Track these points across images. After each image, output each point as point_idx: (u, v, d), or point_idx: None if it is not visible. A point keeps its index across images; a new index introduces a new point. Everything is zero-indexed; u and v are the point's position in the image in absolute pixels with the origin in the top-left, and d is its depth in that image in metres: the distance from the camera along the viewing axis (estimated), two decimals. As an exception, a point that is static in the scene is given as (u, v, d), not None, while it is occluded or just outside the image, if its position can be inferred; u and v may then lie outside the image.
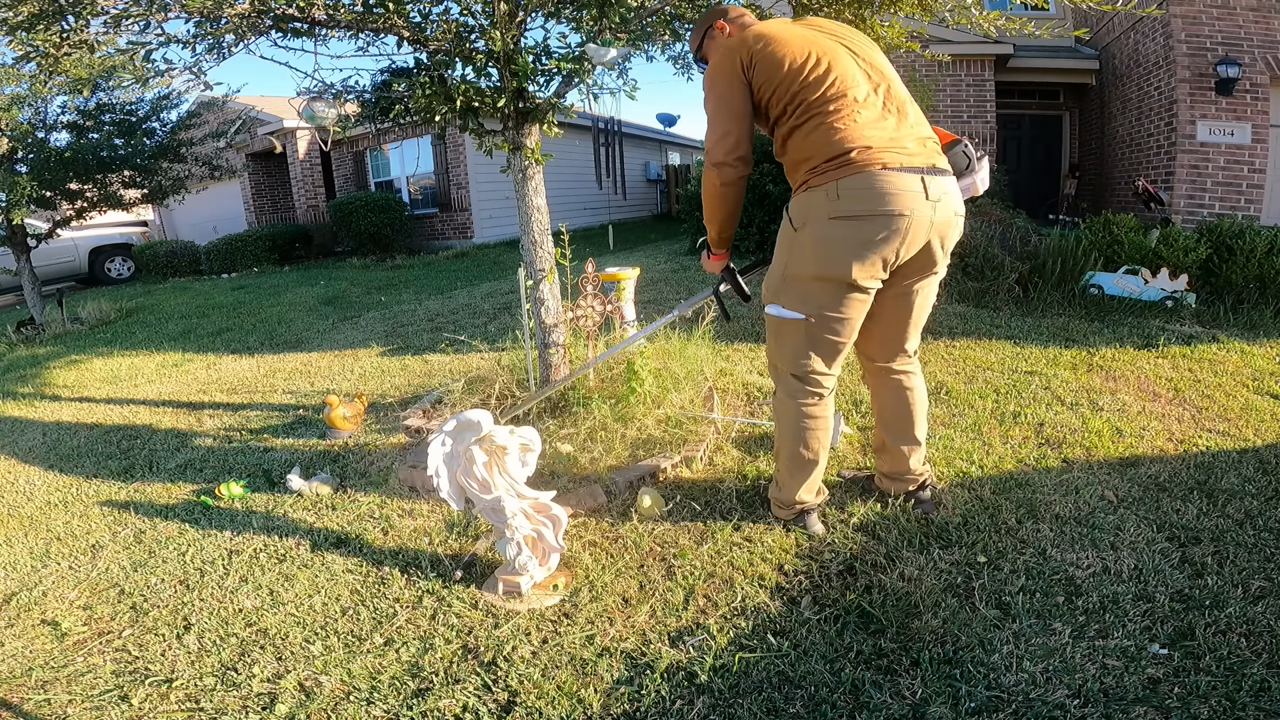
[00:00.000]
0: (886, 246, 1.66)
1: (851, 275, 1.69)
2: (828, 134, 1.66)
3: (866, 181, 1.62)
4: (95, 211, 7.40)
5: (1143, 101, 8.10)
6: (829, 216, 1.67)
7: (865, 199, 1.62)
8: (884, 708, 1.41)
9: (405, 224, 11.58)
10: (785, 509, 2.07)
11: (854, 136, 1.64)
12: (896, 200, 1.62)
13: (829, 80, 1.68)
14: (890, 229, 1.64)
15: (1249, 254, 4.53)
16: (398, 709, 1.52)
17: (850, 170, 1.63)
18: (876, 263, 1.69)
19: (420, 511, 2.40)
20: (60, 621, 1.93)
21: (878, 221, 1.63)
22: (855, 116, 1.66)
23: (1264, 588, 1.69)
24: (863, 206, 1.63)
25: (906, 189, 1.62)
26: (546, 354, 3.01)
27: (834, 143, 1.65)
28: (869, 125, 1.66)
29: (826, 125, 1.66)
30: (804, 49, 1.70)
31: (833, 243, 1.68)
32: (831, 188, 1.65)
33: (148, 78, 2.43)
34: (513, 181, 2.90)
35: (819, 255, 1.71)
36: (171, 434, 3.49)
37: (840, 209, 1.65)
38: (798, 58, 1.69)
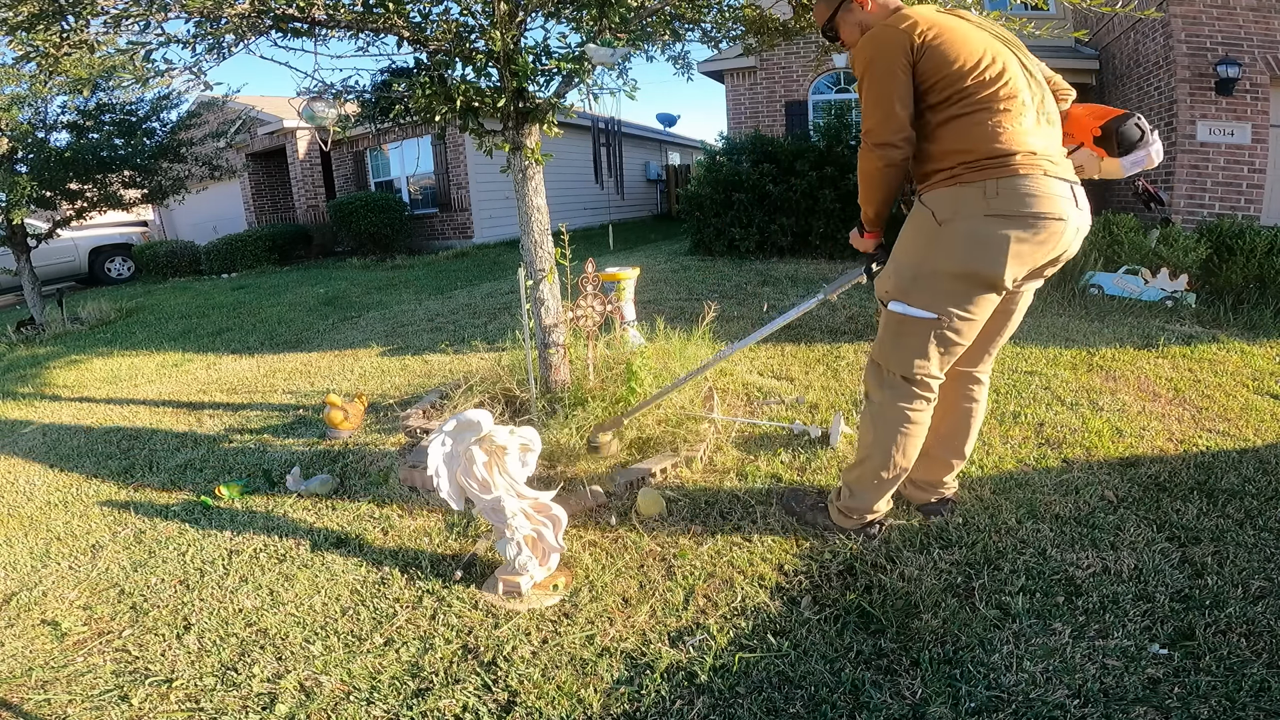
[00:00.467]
0: (1040, 249, 1.64)
1: (1001, 274, 1.64)
2: (994, 131, 1.62)
3: (1029, 185, 1.60)
4: (95, 211, 7.40)
5: (1143, 101, 8.09)
6: (984, 213, 1.62)
7: (1026, 201, 1.60)
8: (884, 708, 1.41)
9: (405, 224, 11.57)
10: (853, 518, 1.99)
11: (1019, 139, 1.62)
12: (1053, 203, 1.61)
13: (1004, 80, 1.64)
14: (1047, 231, 1.62)
15: (1249, 254, 4.53)
16: (398, 709, 1.52)
17: (1011, 171, 1.60)
18: (1026, 264, 1.66)
19: (420, 511, 2.40)
20: (60, 621, 1.93)
21: (1037, 223, 1.61)
22: (1022, 120, 1.64)
23: (1264, 588, 1.69)
24: (1023, 207, 1.60)
25: (1061, 194, 1.63)
26: (546, 354, 3.01)
27: (998, 140, 1.61)
28: (1033, 131, 1.65)
29: (994, 122, 1.62)
30: (981, 46, 1.66)
31: (987, 240, 1.63)
32: (990, 185, 1.61)
33: (148, 78, 2.43)
34: (513, 181, 2.90)
35: (968, 252, 1.65)
36: (171, 434, 3.49)
37: (997, 207, 1.61)
38: (974, 54, 1.64)
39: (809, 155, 7.33)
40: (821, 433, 2.69)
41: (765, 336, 2.42)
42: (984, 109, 1.63)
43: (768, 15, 3.25)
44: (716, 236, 7.81)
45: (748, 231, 7.50)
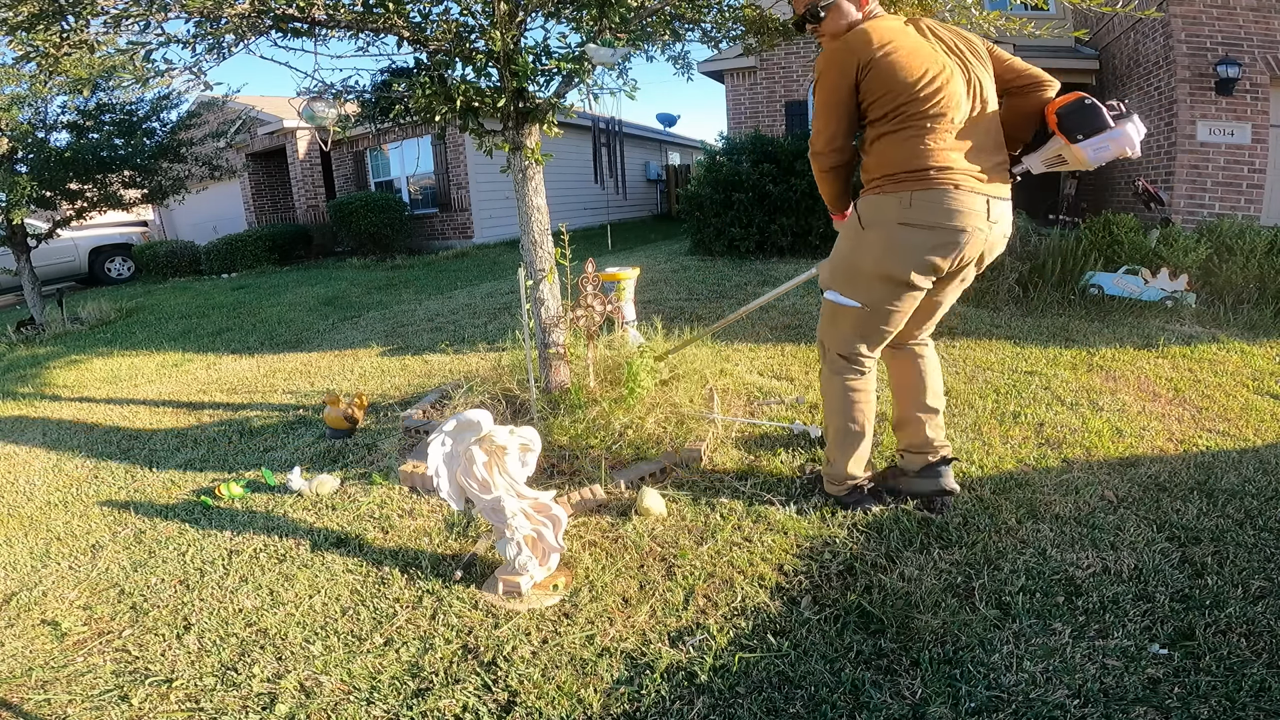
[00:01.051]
0: (946, 256, 1.81)
1: (910, 277, 1.83)
2: (916, 147, 1.77)
3: (938, 198, 1.76)
4: (95, 211, 7.40)
5: (1143, 102, 8.09)
6: (898, 221, 1.81)
7: (934, 213, 1.77)
8: (884, 708, 1.41)
9: (405, 224, 11.57)
10: (838, 485, 2.18)
11: (938, 155, 1.76)
12: (961, 218, 1.77)
13: (936, 98, 1.76)
14: (952, 241, 1.79)
15: (1249, 254, 4.53)
16: (398, 709, 1.52)
17: (925, 185, 1.76)
18: (934, 268, 1.83)
19: (420, 511, 2.40)
20: (60, 621, 1.93)
21: (942, 233, 1.78)
22: (946, 136, 1.77)
23: (1264, 588, 1.69)
24: (931, 219, 1.78)
25: (972, 209, 1.77)
26: (546, 354, 3.01)
27: (919, 156, 1.77)
28: (954, 147, 1.77)
29: (918, 139, 1.77)
30: (921, 65, 1.76)
31: (899, 246, 1.82)
32: (905, 196, 1.79)
33: (148, 78, 2.43)
34: (513, 181, 2.90)
35: (884, 255, 1.85)
36: (171, 434, 3.49)
37: (910, 217, 1.79)
38: (913, 73, 1.75)
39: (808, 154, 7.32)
40: (821, 433, 2.69)
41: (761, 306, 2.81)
42: (911, 127, 1.77)
43: (768, 15, 3.25)
44: (716, 236, 7.81)
45: (748, 231, 7.50)
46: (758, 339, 4.27)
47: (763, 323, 4.59)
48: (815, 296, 5.30)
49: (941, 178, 1.76)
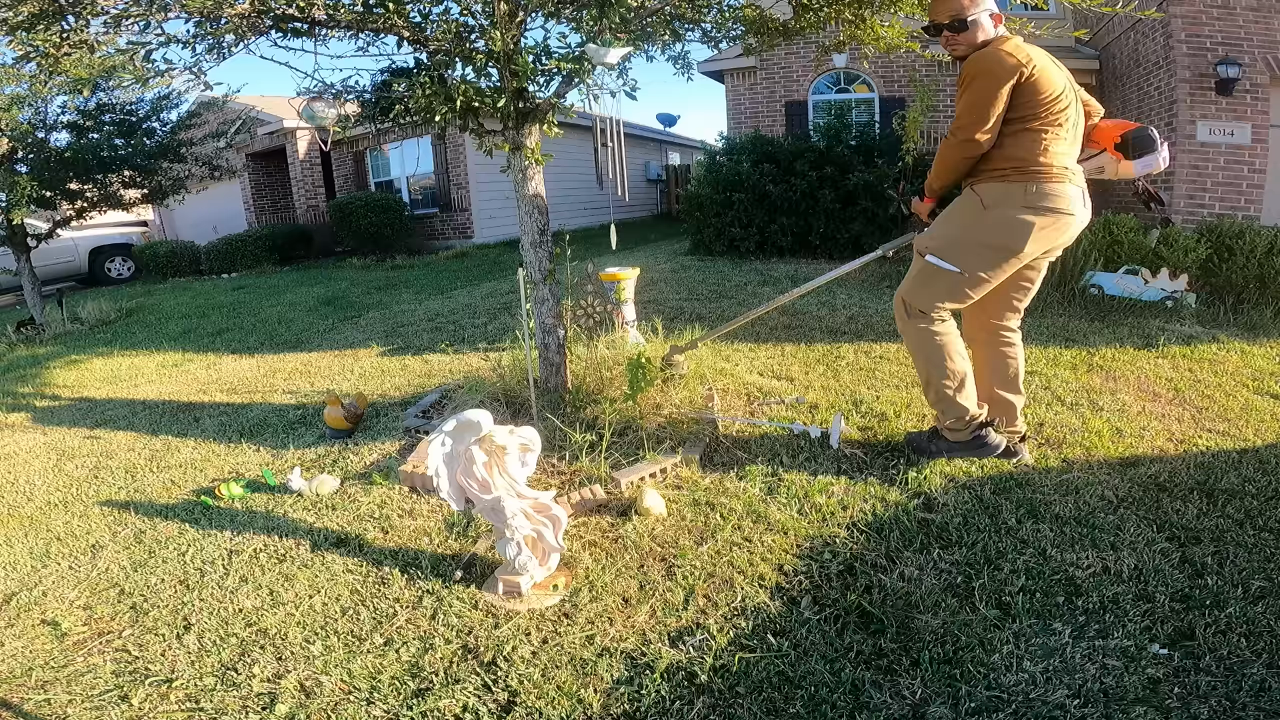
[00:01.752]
0: (1056, 235, 2.17)
1: (1023, 248, 2.16)
2: (1044, 147, 2.10)
3: (1057, 189, 2.11)
4: (95, 211, 7.40)
5: (1143, 101, 8.09)
6: (1023, 205, 2.13)
7: (1054, 200, 2.12)
8: (884, 708, 1.41)
9: (405, 224, 11.57)
10: (962, 430, 2.37)
11: (1057, 155, 2.12)
12: (1071, 204, 2.13)
13: (1064, 111, 2.12)
14: (1063, 222, 2.15)
15: (1249, 254, 4.53)
16: (398, 709, 1.52)
17: (1045, 178, 2.11)
18: (1043, 245, 2.18)
19: (420, 511, 2.40)
20: (60, 621, 1.93)
21: (1056, 215, 2.13)
22: (1062, 141, 2.13)
23: (1264, 588, 1.69)
24: (1050, 204, 2.12)
25: (1076, 198, 2.15)
26: (546, 354, 3.02)
27: (1045, 155, 2.11)
28: (1067, 151, 2.15)
29: (1046, 138, 2.10)
30: (1062, 82, 2.13)
31: (1018, 225, 2.14)
32: (1031, 185, 2.11)
33: (148, 78, 2.43)
34: (513, 181, 2.90)
35: (1004, 230, 2.15)
36: (171, 434, 3.49)
37: (1032, 201, 2.12)
38: (1056, 88, 2.10)
39: (809, 155, 7.33)
40: (821, 433, 2.69)
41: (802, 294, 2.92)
42: (1039, 129, 2.10)
43: (768, 15, 3.25)
44: (716, 236, 7.81)
45: (748, 231, 7.51)
46: (758, 339, 4.26)
47: (763, 323, 4.59)
48: (815, 297, 5.30)
49: (1060, 174, 2.11)
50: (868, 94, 9.98)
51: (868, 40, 3.18)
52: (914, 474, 2.36)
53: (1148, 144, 2.24)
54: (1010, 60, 2.06)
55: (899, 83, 9.52)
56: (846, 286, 5.62)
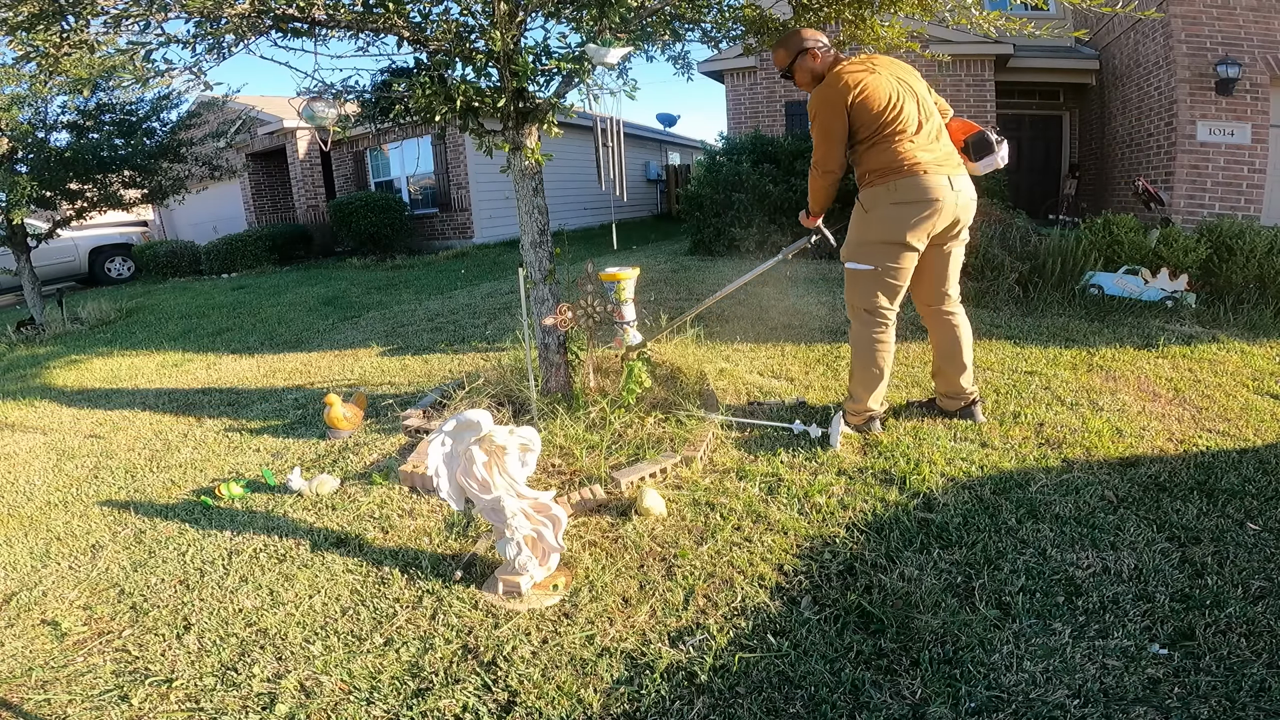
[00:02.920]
0: (928, 221, 2.45)
1: (906, 238, 2.46)
2: (892, 151, 2.44)
3: (913, 181, 2.42)
4: (95, 211, 7.39)
5: (1143, 101, 8.10)
6: (890, 202, 2.46)
7: (912, 192, 2.42)
8: (884, 708, 1.41)
9: (405, 224, 11.57)
10: (858, 415, 2.75)
11: (908, 154, 2.43)
12: (931, 192, 2.42)
13: (899, 119, 2.44)
14: (930, 210, 2.43)
15: (1249, 254, 4.52)
16: (398, 709, 1.52)
17: (903, 174, 2.42)
18: (922, 230, 2.46)
19: (420, 511, 2.40)
20: (60, 621, 1.93)
21: (921, 205, 2.43)
22: (909, 142, 2.45)
23: (1264, 588, 1.69)
24: (911, 196, 2.43)
25: (938, 185, 2.42)
26: (546, 354, 3.02)
27: (895, 157, 2.44)
28: (918, 147, 2.45)
29: (893, 146, 2.44)
30: (886, 95, 2.42)
31: (894, 219, 2.46)
32: (891, 184, 2.44)
33: (148, 78, 2.43)
34: (513, 181, 2.90)
35: (884, 227, 2.48)
36: (171, 434, 3.49)
37: (897, 198, 2.44)
38: (882, 102, 2.42)
39: (809, 155, 7.33)
40: (821, 433, 2.69)
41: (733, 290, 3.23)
42: (886, 138, 2.45)
43: (768, 15, 3.25)
44: (716, 236, 7.81)
45: (748, 231, 7.50)
46: (758, 339, 4.26)
47: (763, 323, 4.59)
48: (816, 297, 5.30)
49: (912, 169, 2.42)
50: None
51: (868, 40, 3.18)
52: (914, 475, 2.36)
53: (986, 147, 2.57)
54: (835, 90, 2.44)
55: (899, 83, 9.52)
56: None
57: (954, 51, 7.93)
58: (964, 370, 2.73)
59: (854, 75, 2.43)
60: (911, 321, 4.39)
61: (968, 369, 2.74)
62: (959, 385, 2.75)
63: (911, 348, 3.89)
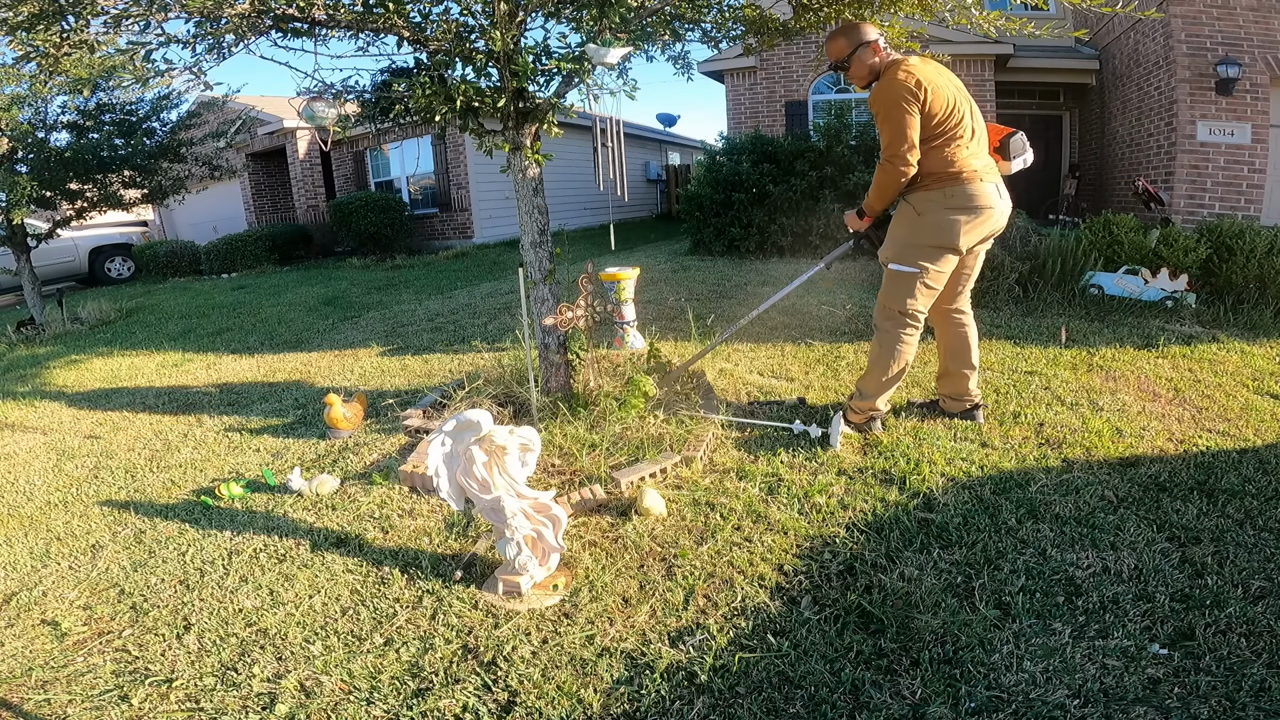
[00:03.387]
0: (980, 227, 2.50)
1: (957, 243, 2.50)
2: (950, 157, 2.45)
3: (970, 189, 2.45)
4: (95, 211, 7.39)
5: (1143, 101, 8.10)
6: (944, 207, 2.48)
7: (969, 199, 2.46)
8: (884, 708, 1.41)
9: (405, 224, 11.57)
10: (862, 414, 2.76)
11: (965, 161, 2.45)
12: (986, 199, 2.47)
13: (960, 123, 2.45)
14: (982, 216, 2.48)
15: (1249, 254, 4.52)
16: (398, 709, 1.52)
17: (958, 181, 2.45)
18: (972, 237, 2.51)
19: (420, 511, 2.40)
20: (60, 621, 1.93)
21: (974, 211, 2.47)
22: (966, 148, 2.46)
23: (1264, 588, 1.69)
24: (967, 203, 2.46)
25: (989, 193, 2.48)
26: (546, 354, 3.02)
27: (952, 163, 2.45)
28: (972, 155, 2.47)
29: (950, 150, 2.45)
30: (950, 97, 2.44)
31: (948, 224, 2.48)
32: (948, 190, 2.47)
33: (148, 78, 2.43)
34: (513, 181, 2.90)
35: (937, 231, 2.50)
36: (171, 434, 3.49)
37: (952, 203, 2.47)
38: (948, 103, 2.42)
39: (809, 155, 7.33)
40: (821, 433, 2.69)
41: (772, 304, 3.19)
42: (946, 143, 2.44)
43: (768, 15, 3.25)
44: (716, 236, 7.81)
45: (748, 231, 7.51)
46: (758, 339, 4.26)
47: (763, 323, 4.59)
48: (816, 298, 5.30)
49: (969, 176, 2.44)
50: (868, 94, 9.99)
51: (868, 40, 3.18)
52: (914, 475, 2.36)
53: (1019, 148, 2.70)
54: (908, 84, 2.39)
55: (899, 83, 9.52)
56: (847, 286, 5.62)
57: (954, 51, 7.93)
58: (973, 372, 2.80)
59: (923, 73, 2.39)
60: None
61: (975, 371, 2.81)
62: (966, 388, 2.80)
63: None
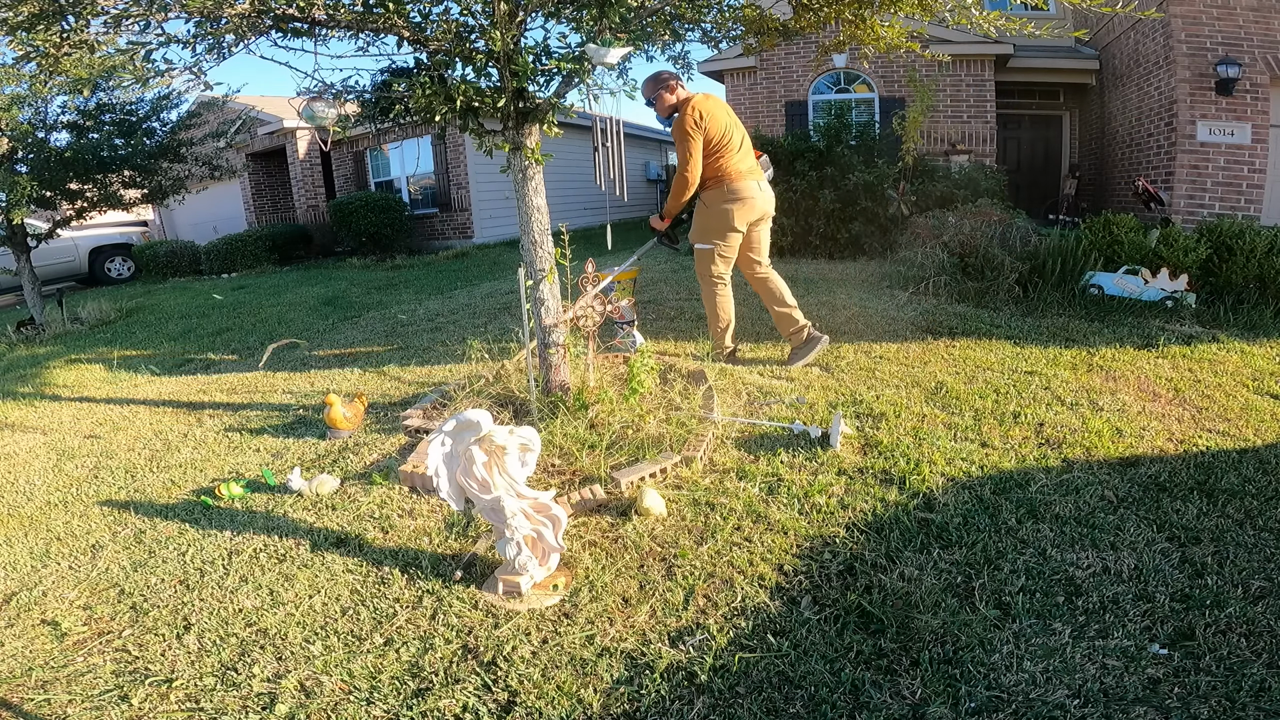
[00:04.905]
0: (751, 211, 3.47)
1: (735, 224, 3.47)
2: (723, 165, 3.40)
3: (738, 185, 3.41)
4: (95, 211, 7.39)
5: (1143, 101, 8.10)
6: (723, 201, 3.44)
7: (738, 192, 3.42)
8: (884, 708, 1.42)
9: (405, 224, 11.57)
10: (721, 351, 3.78)
11: (733, 165, 3.41)
12: (749, 191, 3.44)
13: (728, 139, 3.39)
14: (750, 203, 3.45)
15: (1249, 254, 4.52)
16: (398, 709, 1.52)
17: (730, 180, 3.41)
18: (745, 219, 3.48)
19: (420, 511, 2.40)
20: (60, 621, 1.93)
21: (743, 202, 3.43)
22: (733, 157, 3.41)
23: (1264, 588, 1.69)
24: (737, 195, 3.42)
25: (752, 185, 3.45)
26: (546, 354, 3.01)
27: (724, 168, 3.41)
28: (738, 161, 3.43)
29: (723, 160, 3.40)
30: (722, 123, 3.36)
31: (727, 211, 3.44)
32: (723, 187, 3.42)
33: (148, 78, 2.43)
34: (513, 181, 2.90)
35: (721, 216, 3.46)
36: (171, 434, 3.49)
37: (727, 197, 3.43)
38: (719, 129, 3.35)
39: (809, 155, 7.33)
40: (821, 433, 2.69)
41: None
42: (719, 155, 3.38)
43: (768, 15, 3.25)
44: (716, 236, 7.79)
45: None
46: (757, 339, 4.26)
47: (762, 322, 4.59)
48: (816, 297, 5.30)
49: (736, 176, 3.40)
50: (868, 94, 9.98)
51: (868, 40, 3.18)
52: (914, 475, 2.36)
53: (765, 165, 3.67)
54: (692, 118, 3.28)
55: (899, 83, 9.52)
56: (847, 286, 5.62)
57: (954, 51, 7.94)
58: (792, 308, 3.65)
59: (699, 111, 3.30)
60: (912, 322, 4.39)
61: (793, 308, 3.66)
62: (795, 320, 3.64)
63: (912, 347, 3.89)
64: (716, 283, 3.61)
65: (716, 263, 3.55)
